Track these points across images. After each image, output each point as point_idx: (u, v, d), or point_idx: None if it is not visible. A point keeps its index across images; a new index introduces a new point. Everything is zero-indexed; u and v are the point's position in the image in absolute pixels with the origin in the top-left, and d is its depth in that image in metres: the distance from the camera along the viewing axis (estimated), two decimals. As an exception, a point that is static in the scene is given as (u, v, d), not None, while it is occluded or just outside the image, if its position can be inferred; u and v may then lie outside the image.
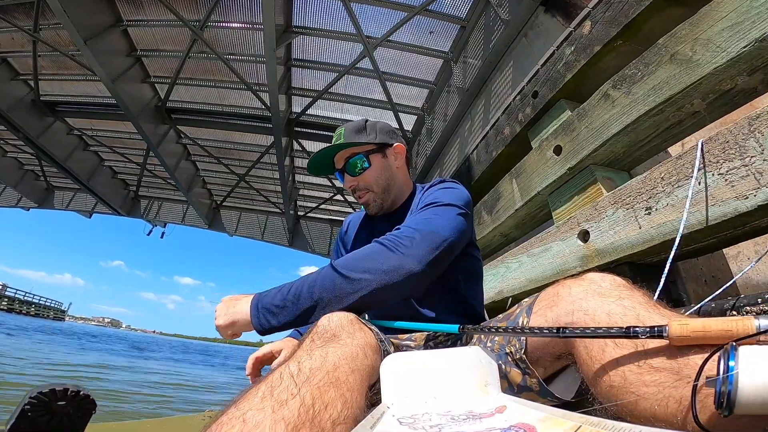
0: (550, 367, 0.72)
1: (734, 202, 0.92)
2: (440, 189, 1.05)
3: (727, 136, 0.96)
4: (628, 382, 0.50)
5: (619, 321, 0.54)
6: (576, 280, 0.65)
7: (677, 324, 0.45)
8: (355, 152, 1.13)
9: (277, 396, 0.48)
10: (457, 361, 0.59)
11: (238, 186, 9.00)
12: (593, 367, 0.55)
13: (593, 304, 0.59)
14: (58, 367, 7.88)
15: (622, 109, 1.28)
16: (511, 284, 1.71)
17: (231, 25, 5.18)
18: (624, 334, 0.48)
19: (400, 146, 1.19)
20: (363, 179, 1.13)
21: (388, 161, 1.16)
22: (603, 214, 1.28)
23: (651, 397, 0.48)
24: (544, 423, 0.40)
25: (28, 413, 0.60)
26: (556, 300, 0.66)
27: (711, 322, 0.44)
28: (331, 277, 0.80)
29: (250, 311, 0.82)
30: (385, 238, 0.86)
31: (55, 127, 7.42)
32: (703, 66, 1.08)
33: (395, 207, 1.18)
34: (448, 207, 0.96)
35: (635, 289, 0.60)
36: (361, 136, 1.14)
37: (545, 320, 0.66)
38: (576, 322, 0.59)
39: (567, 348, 0.63)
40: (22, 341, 12.03)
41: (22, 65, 6.48)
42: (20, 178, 10.09)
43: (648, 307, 0.55)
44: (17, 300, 56.31)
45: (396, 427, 0.46)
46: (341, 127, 1.16)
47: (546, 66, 1.72)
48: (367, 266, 0.79)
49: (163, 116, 6.63)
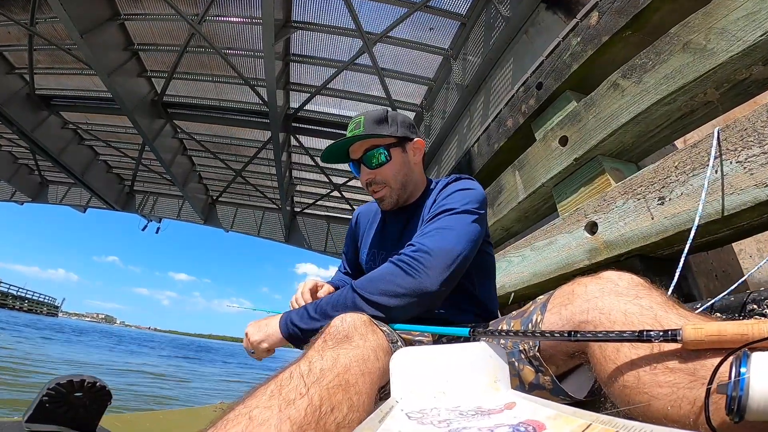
0: (563, 365, 0.71)
1: (754, 190, 0.89)
2: (456, 191, 1.01)
3: (745, 123, 0.94)
4: (641, 382, 0.50)
5: (636, 321, 0.53)
6: (593, 278, 0.65)
7: (692, 328, 0.44)
8: (376, 144, 1.06)
9: (285, 395, 0.49)
10: (467, 356, 0.59)
11: (235, 181, 8.96)
12: (607, 366, 0.54)
13: (609, 303, 0.58)
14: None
15: (633, 98, 1.25)
16: (513, 279, 1.68)
17: (229, 20, 5.14)
18: (637, 338, 0.47)
19: (420, 141, 1.14)
20: (381, 173, 1.07)
21: (407, 156, 1.10)
22: (612, 204, 1.25)
23: (664, 398, 0.47)
24: (554, 420, 0.39)
25: (46, 404, 0.60)
26: (571, 298, 0.65)
27: (726, 325, 0.43)
28: (351, 298, 0.83)
29: (280, 325, 0.87)
30: (400, 260, 0.86)
31: (49, 121, 7.35)
32: (718, 55, 1.05)
33: (409, 203, 1.14)
34: (462, 215, 0.94)
35: (653, 289, 0.59)
36: (383, 127, 1.06)
37: (560, 318, 0.65)
38: (591, 321, 0.59)
39: (581, 347, 0.62)
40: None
41: (18, 59, 6.42)
42: (14, 172, 10.00)
43: (666, 307, 0.54)
44: (10, 295, 55.68)
45: (405, 421, 0.46)
46: (360, 115, 1.09)
47: (551, 57, 1.69)
48: (385, 289, 0.82)
49: (159, 110, 6.57)
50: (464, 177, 1.08)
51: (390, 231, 1.16)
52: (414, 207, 1.13)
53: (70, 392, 0.57)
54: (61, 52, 5.79)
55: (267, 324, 0.90)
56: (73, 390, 0.57)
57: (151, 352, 19.45)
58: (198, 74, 6.13)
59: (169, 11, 4.93)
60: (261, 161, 7.94)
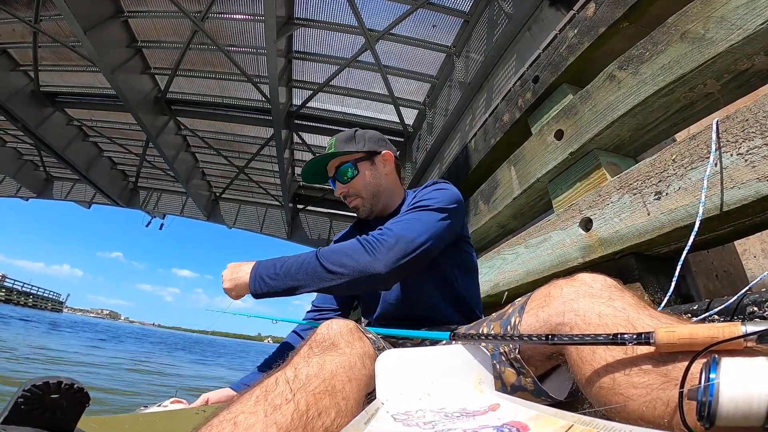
0: (542, 366, 0.72)
1: (756, 183, 0.84)
2: (431, 191, 1.08)
3: (746, 113, 0.89)
4: (617, 383, 0.50)
5: (610, 322, 0.55)
6: (568, 280, 0.66)
7: (664, 330, 0.45)
8: (345, 160, 1.17)
9: (271, 400, 0.49)
10: (451, 359, 0.60)
11: (238, 178, 8.97)
12: (584, 368, 0.55)
13: (584, 305, 0.59)
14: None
15: (629, 90, 1.20)
16: (507, 277, 1.64)
17: (232, 17, 5.13)
18: (611, 340, 0.47)
19: (388, 153, 1.23)
20: (352, 186, 1.17)
21: (376, 168, 1.20)
22: (607, 200, 1.21)
23: (639, 399, 0.48)
24: (537, 421, 0.40)
25: (21, 406, 0.58)
26: (548, 300, 0.66)
27: (698, 328, 0.44)
28: (313, 264, 0.91)
29: (250, 276, 0.94)
30: (365, 238, 0.93)
31: (54, 118, 7.39)
32: (718, 44, 1.01)
33: (387, 212, 1.21)
34: (432, 212, 1.00)
35: (625, 290, 0.60)
36: (350, 145, 1.18)
37: (537, 320, 0.66)
38: (567, 323, 0.60)
39: (558, 348, 0.64)
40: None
41: (23, 56, 6.45)
42: (19, 168, 10.06)
43: (638, 308, 0.55)
44: (15, 291, 55.72)
45: (390, 423, 0.46)
46: (333, 137, 1.21)
47: (548, 50, 1.65)
48: (343, 261, 0.89)
49: (162, 107, 6.58)
50: (441, 181, 1.15)
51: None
52: (391, 216, 1.18)
53: (46, 394, 0.55)
54: (66, 49, 5.81)
55: (240, 269, 0.98)
56: (50, 392, 0.55)
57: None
58: (201, 71, 6.14)
59: (172, 8, 4.92)
60: (264, 158, 7.93)
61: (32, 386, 0.52)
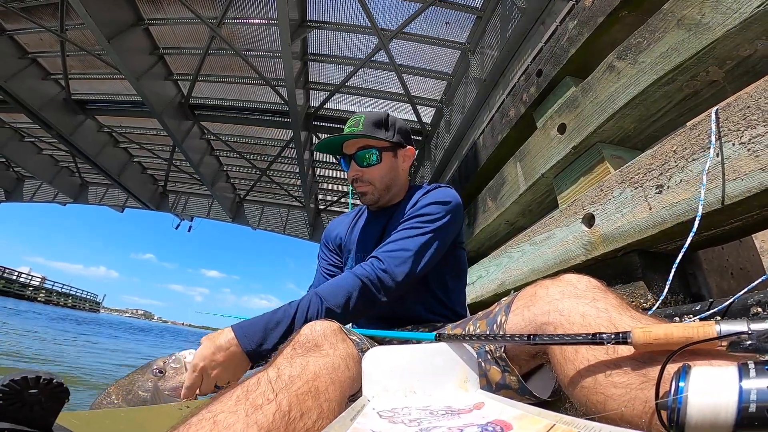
0: (526, 365, 0.73)
1: (760, 174, 0.80)
2: (430, 202, 1.07)
3: (747, 100, 0.85)
4: (598, 383, 0.51)
5: (592, 323, 0.56)
6: (554, 281, 0.67)
7: (640, 331, 0.46)
8: (370, 144, 1.12)
9: (252, 400, 0.48)
10: (437, 357, 0.61)
11: (261, 180, 9.12)
12: (566, 367, 0.56)
13: (569, 305, 0.60)
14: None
15: (629, 80, 1.16)
16: (513, 275, 1.61)
17: (247, 21, 5.21)
18: (591, 340, 0.49)
19: (411, 150, 1.20)
20: (369, 173, 1.13)
21: (396, 162, 1.16)
22: (609, 195, 1.17)
23: (619, 398, 0.48)
24: (520, 420, 0.41)
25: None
26: (533, 300, 0.67)
27: (673, 328, 0.45)
28: (322, 312, 0.88)
29: (235, 334, 0.82)
30: (367, 277, 0.94)
31: (86, 125, 7.68)
32: (714, 29, 0.97)
33: (390, 204, 1.20)
34: (428, 234, 1.01)
35: (609, 292, 0.62)
36: (380, 131, 1.12)
37: (522, 319, 0.67)
38: (552, 323, 0.61)
39: (542, 348, 0.64)
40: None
41: (52, 65, 6.72)
42: (56, 175, 10.52)
43: (620, 309, 0.57)
44: (54, 292, 58.40)
45: (376, 420, 0.46)
46: (361, 113, 1.15)
47: (549, 43, 1.61)
48: (351, 304, 0.91)
49: (186, 112, 6.75)
50: (443, 186, 1.13)
51: (372, 231, 1.20)
52: (395, 207, 1.18)
53: (24, 389, 0.56)
54: (92, 58, 6.03)
55: (218, 339, 0.83)
56: (28, 387, 0.56)
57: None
58: (221, 76, 6.26)
59: (189, 15, 5.05)
60: (285, 160, 8.03)
61: (10, 381, 0.53)
